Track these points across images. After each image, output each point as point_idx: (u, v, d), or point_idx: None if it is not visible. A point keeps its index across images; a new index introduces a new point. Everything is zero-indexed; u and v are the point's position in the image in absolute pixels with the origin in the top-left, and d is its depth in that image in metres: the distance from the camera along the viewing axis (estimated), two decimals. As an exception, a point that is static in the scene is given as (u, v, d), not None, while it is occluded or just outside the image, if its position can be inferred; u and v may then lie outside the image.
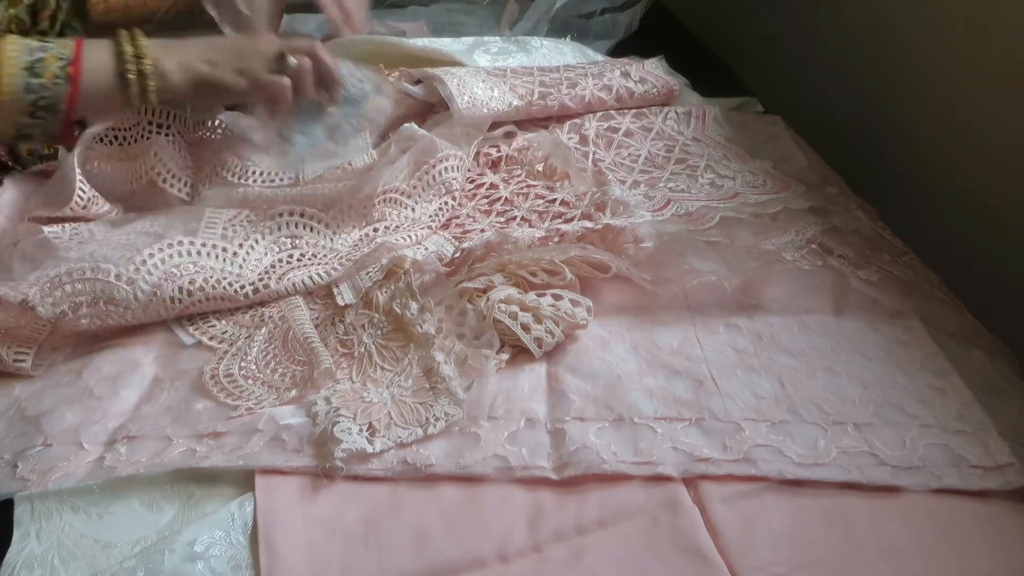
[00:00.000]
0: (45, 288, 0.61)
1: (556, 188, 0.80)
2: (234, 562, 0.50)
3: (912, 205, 0.91)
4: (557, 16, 1.19)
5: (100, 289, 0.62)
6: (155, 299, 0.64)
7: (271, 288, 0.67)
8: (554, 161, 0.83)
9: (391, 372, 0.62)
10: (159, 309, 0.64)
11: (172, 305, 0.64)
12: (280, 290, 0.68)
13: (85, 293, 0.62)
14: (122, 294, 0.62)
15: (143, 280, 0.63)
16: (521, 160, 0.85)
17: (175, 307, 0.65)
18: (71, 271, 0.62)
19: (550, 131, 0.89)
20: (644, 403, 0.59)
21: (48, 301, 0.61)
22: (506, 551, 0.51)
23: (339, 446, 0.54)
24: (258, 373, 0.62)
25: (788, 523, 0.52)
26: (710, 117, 0.95)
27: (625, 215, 0.74)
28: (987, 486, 0.54)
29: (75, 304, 0.62)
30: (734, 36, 1.28)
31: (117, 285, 0.62)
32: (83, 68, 0.66)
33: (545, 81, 0.90)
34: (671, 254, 0.70)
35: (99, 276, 0.62)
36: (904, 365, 0.63)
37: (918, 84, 0.91)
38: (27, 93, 0.64)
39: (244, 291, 0.67)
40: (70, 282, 0.62)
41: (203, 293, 0.65)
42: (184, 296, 0.64)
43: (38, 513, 0.53)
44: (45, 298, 0.61)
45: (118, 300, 0.63)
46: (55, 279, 0.62)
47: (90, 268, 0.62)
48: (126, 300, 0.63)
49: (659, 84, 0.97)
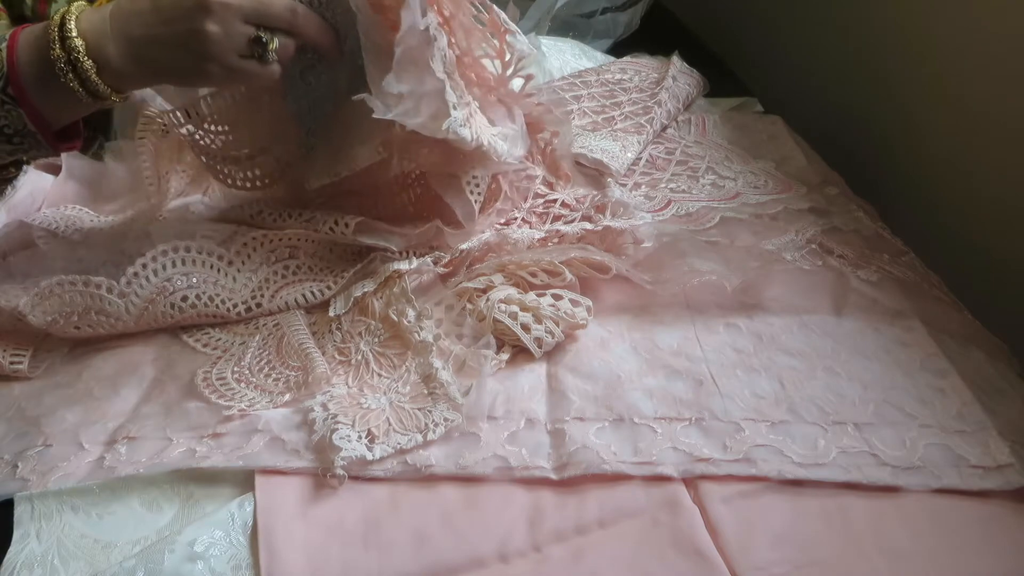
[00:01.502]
0: (35, 298, 0.61)
1: (556, 187, 0.80)
2: (234, 562, 0.50)
3: (912, 205, 0.91)
4: (557, 15, 1.19)
5: (91, 301, 0.62)
6: (147, 312, 0.63)
7: (263, 307, 0.67)
8: (559, 160, 0.81)
9: (388, 379, 0.61)
10: (150, 321, 0.64)
11: (163, 319, 0.64)
12: (272, 308, 0.67)
13: (77, 305, 0.61)
14: (113, 307, 0.62)
15: (135, 294, 0.62)
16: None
17: (166, 321, 0.65)
18: (62, 282, 0.61)
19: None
20: (644, 403, 0.59)
21: (39, 310, 0.61)
22: (506, 551, 0.51)
23: (339, 454, 0.54)
24: (251, 377, 0.62)
25: (788, 523, 0.52)
26: (709, 123, 0.96)
27: (625, 216, 0.74)
28: (987, 486, 0.54)
29: (66, 313, 0.61)
30: (734, 36, 1.28)
31: (108, 298, 0.62)
32: (18, 54, 0.57)
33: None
34: (671, 254, 0.70)
35: (90, 289, 0.61)
36: (904, 365, 0.63)
37: (918, 83, 0.91)
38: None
39: (236, 309, 0.66)
40: (61, 293, 0.61)
41: (195, 310, 0.65)
42: (176, 312, 0.64)
43: (38, 513, 0.53)
44: (36, 307, 0.61)
45: (109, 312, 0.62)
46: (45, 289, 0.61)
47: (82, 281, 0.61)
48: (117, 313, 0.62)
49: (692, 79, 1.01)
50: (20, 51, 0.58)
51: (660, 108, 0.92)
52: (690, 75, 1.02)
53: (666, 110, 0.93)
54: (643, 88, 0.97)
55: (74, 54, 0.56)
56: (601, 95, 0.95)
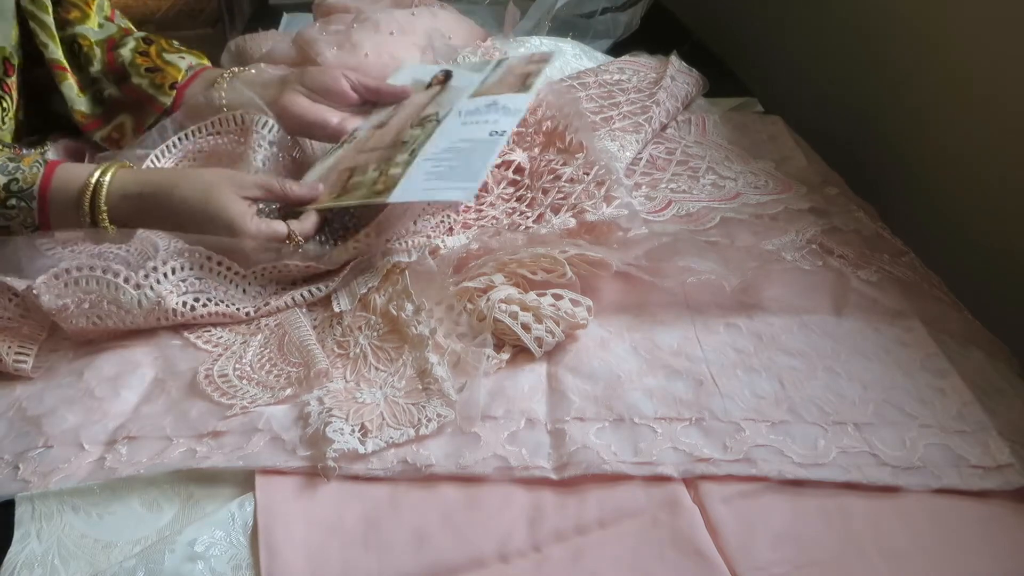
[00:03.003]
0: (51, 279, 0.62)
1: (570, 161, 0.79)
2: (234, 562, 0.50)
3: (912, 205, 0.91)
4: (557, 15, 1.19)
5: (106, 290, 0.62)
6: (158, 308, 0.64)
7: (271, 305, 0.68)
8: (570, 134, 0.81)
9: (385, 372, 0.62)
10: (159, 317, 0.65)
11: (172, 318, 0.65)
12: (280, 305, 0.68)
13: (91, 292, 0.62)
14: (127, 298, 0.63)
15: (150, 287, 0.63)
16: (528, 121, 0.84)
17: (175, 320, 0.65)
18: (81, 266, 0.62)
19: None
20: (644, 403, 0.59)
21: (53, 292, 0.61)
22: (506, 551, 0.51)
23: (331, 446, 0.55)
24: (253, 374, 0.62)
25: (788, 523, 0.52)
26: (709, 123, 0.96)
27: (617, 201, 0.74)
28: (987, 486, 0.54)
29: (79, 299, 0.62)
30: (734, 36, 1.29)
31: (124, 288, 0.63)
32: (51, 200, 0.67)
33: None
34: (671, 254, 0.70)
35: (108, 276, 0.62)
36: (904, 365, 0.63)
37: (918, 83, 0.91)
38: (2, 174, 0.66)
39: (245, 310, 0.67)
40: (79, 277, 0.62)
41: (205, 309, 0.66)
42: (186, 311, 0.65)
43: (39, 513, 0.53)
44: (51, 288, 0.61)
45: (122, 303, 0.63)
46: (64, 270, 0.62)
47: (100, 268, 0.62)
48: (129, 305, 0.63)
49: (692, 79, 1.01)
50: (53, 199, 0.67)
51: (658, 108, 0.92)
52: (689, 74, 1.02)
53: (664, 109, 0.93)
54: (641, 88, 0.96)
55: (101, 224, 0.67)
56: (599, 96, 0.95)
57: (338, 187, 0.73)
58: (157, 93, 0.81)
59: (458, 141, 0.73)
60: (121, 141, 0.82)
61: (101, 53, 0.83)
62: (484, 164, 0.70)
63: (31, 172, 0.67)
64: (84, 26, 0.83)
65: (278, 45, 1.03)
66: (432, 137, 0.74)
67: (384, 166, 0.72)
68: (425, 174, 0.69)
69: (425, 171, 0.70)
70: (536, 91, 0.79)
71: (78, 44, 0.82)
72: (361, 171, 0.73)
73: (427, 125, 0.76)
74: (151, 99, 0.81)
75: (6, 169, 0.66)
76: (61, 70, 0.80)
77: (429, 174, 0.69)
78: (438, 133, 0.74)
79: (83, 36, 0.82)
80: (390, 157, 0.73)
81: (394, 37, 1.01)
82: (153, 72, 0.82)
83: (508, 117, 0.75)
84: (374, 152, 0.75)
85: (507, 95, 0.78)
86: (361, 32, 1.00)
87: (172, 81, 0.82)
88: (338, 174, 0.74)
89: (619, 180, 0.76)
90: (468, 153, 0.71)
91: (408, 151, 0.73)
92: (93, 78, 0.82)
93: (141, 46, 0.84)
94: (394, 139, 0.76)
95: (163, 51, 0.85)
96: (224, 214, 0.66)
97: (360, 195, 0.70)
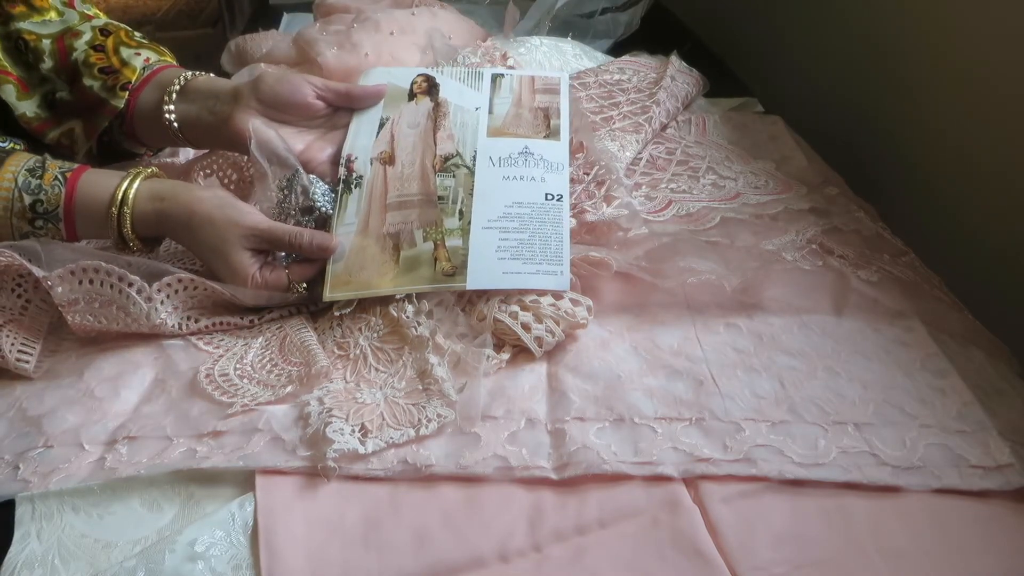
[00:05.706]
0: (68, 273, 0.61)
1: (570, 161, 0.77)
2: (234, 562, 0.50)
3: (913, 205, 0.91)
4: (557, 15, 1.19)
5: (118, 297, 0.62)
6: (164, 324, 0.64)
7: (273, 313, 0.68)
8: (571, 134, 0.79)
9: (385, 373, 0.62)
10: (164, 328, 0.65)
11: (176, 330, 0.65)
12: (283, 313, 0.68)
13: (104, 295, 0.62)
14: (136, 308, 0.63)
15: (160, 303, 0.63)
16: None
17: (179, 331, 0.65)
18: (99, 268, 0.62)
19: None
20: (644, 403, 0.59)
21: (67, 285, 0.61)
22: (506, 551, 0.51)
23: (331, 447, 0.55)
24: (253, 374, 0.62)
25: (788, 523, 0.52)
26: (710, 123, 0.96)
27: (617, 201, 0.74)
28: (987, 486, 0.54)
29: (89, 299, 0.62)
30: (734, 36, 1.29)
31: (136, 299, 0.62)
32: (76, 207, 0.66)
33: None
34: (671, 254, 0.70)
35: (123, 284, 0.62)
36: (904, 365, 0.63)
37: (919, 83, 0.91)
38: (26, 193, 0.65)
39: (248, 318, 0.67)
40: (95, 278, 0.62)
41: (209, 321, 0.66)
42: (191, 324, 0.65)
43: (39, 513, 0.53)
44: (66, 281, 0.61)
45: (130, 311, 0.63)
46: (81, 268, 0.62)
47: (117, 275, 0.62)
48: (137, 314, 0.63)
49: (692, 78, 1.01)
50: (79, 215, 0.66)
51: (658, 108, 0.92)
52: (689, 74, 1.02)
53: (664, 109, 0.93)
54: (641, 88, 0.96)
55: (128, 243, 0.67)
56: (599, 96, 0.95)
57: (388, 261, 0.67)
58: (109, 96, 0.76)
59: (513, 205, 0.69)
60: (73, 147, 0.78)
61: (51, 47, 0.77)
62: (561, 241, 0.66)
63: (54, 193, 0.65)
64: (31, 21, 0.78)
65: (278, 45, 1.03)
66: (475, 195, 0.69)
67: (434, 234, 0.67)
68: (496, 250, 0.66)
69: (494, 246, 0.66)
70: (568, 139, 0.76)
71: (23, 40, 0.77)
72: (408, 241, 0.67)
73: (457, 173, 0.71)
74: (103, 103, 0.76)
75: (29, 187, 0.65)
76: (2, 73, 0.75)
77: (501, 251, 0.66)
78: (480, 192, 0.70)
79: (28, 32, 0.77)
80: (433, 220, 0.68)
81: (394, 37, 1.01)
82: (107, 74, 0.76)
83: (553, 175, 0.71)
84: (406, 210, 0.69)
85: (537, 141, 0.74)
86: (361, 32, 1.00)
87: (125, 82, 0.76)
88: (378, 241, 0.68)
89: (619, 180, 0.76)
90: (533, 223, 0.67)
91: (455, 213, 0.68)
92: (43, 76, 0.77)
93: (98, 38, 0.78)
94: (422, 189, 0.70)
95: (121, 44, 0.78)
96: (227, 266, 0.65)
97: (427, 278, 0.65)
